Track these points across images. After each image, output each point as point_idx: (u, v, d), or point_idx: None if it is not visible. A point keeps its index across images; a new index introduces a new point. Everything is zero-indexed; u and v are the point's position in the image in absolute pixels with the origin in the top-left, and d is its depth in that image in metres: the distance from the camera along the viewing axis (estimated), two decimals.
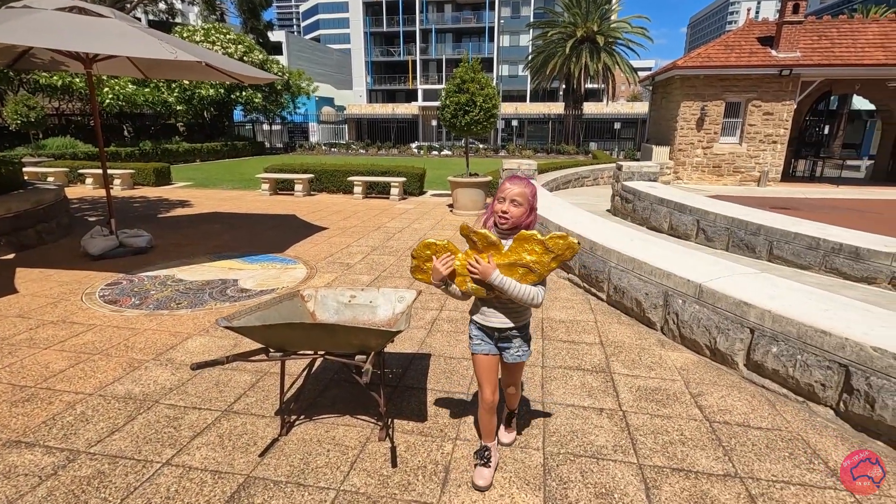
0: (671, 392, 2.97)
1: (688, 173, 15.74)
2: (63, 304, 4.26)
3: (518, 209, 1.87)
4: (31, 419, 2.59)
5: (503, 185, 1.90)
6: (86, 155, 15.57)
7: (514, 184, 1.88)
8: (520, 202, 1.86)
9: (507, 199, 1.87)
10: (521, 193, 1.87)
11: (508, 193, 1.87)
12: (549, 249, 1.81)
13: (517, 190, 1.87)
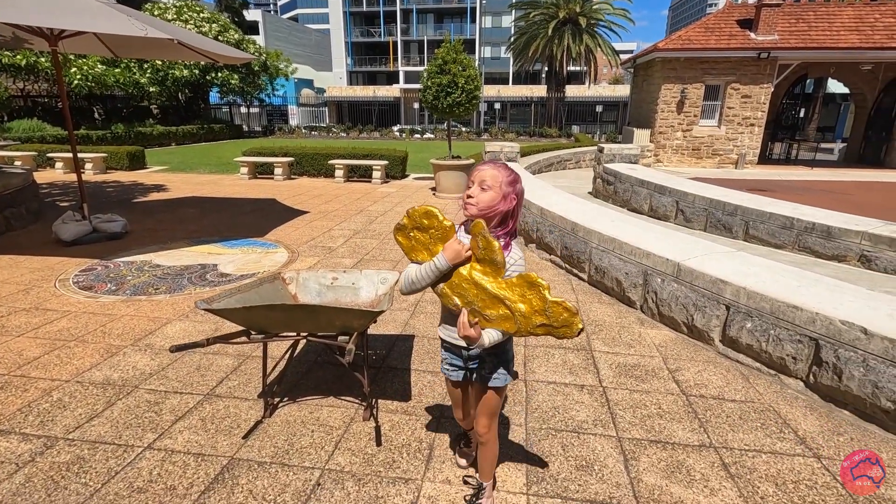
0: (650, 368, 3.04)
1: (668, 156, 15.91)
2: (35, 291, 4.14)
3: (486, 194, 1.56)
4: (4, 407, 2.53)
5: (475, 168, 1.64)
6: (54, 138, 15.01)
7: (486, 165, 1.61)
8: (489, 185, 1.55)
9: (475, 181, 1.59)
10: (492, 176, 1.56)
11: (478, 175, 1.59)
12: (546, 314, 1.49)
13: (488, 172, 1.58)
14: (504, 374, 1.75)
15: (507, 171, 1.60)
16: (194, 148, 19.60)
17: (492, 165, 1.60)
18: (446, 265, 1.56)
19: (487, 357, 1.74)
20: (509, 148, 9.09)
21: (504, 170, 1.60)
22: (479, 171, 1.60)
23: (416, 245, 1.64)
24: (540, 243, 5.32)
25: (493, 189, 1.56)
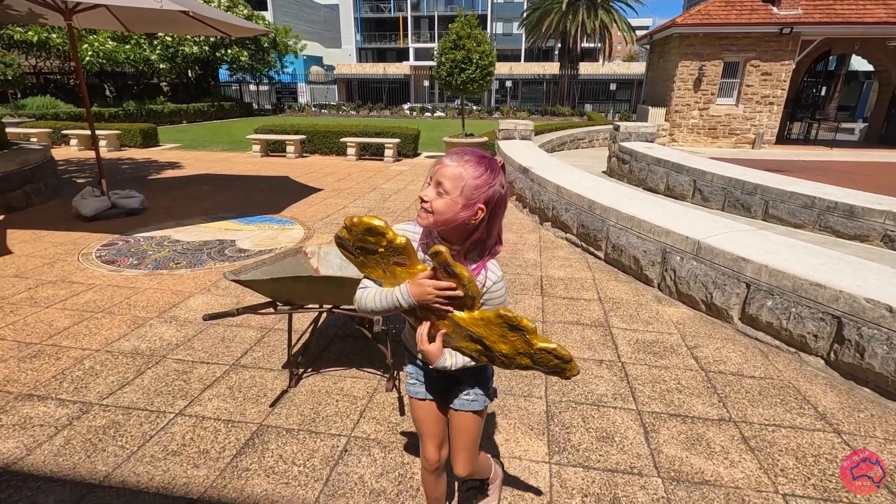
0: (668, 345, 3.05)
1: (683, 135, 15.63)
2: (60, 265, 4.22)
3: (441, 201, 1.15)
4: (40, 374, 2.61)
5: (438, 159, 1.21)
6: (67, 115, 15.07)
7: (452, 158, 1.18)
8: (447, 189, 1.15)
9: (432, 180, 1.18)
10: (452, 176, 1.14)
11: (437, 171, 1.17)
12: (533, 358, 1.18)
13: (449, 170, 1.15)
14: (481, 394, 1.42)
15: (477, 166, 1.16)
16: (205, 126, 19.59)
17: (458, 159, 1.17)
18: (411, 303, 1.18)
19: (462, 374, 1.39)
20: (523, 126, 8.98)
21: (473, 166, 1.16)
22: (440, 165, 1.18)
23: (367, 262, 1.25)
24: (556, 221, 5.29)
25: (452, 194, 1.14)
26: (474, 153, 1.19)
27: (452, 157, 1.18)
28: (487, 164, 1.17)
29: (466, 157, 1.17)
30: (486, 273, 1.22)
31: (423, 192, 1.18)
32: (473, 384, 1.41)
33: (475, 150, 1.21)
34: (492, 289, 1.22)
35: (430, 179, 1.19)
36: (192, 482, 1.91)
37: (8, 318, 3.24)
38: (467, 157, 1.17)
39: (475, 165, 1.16)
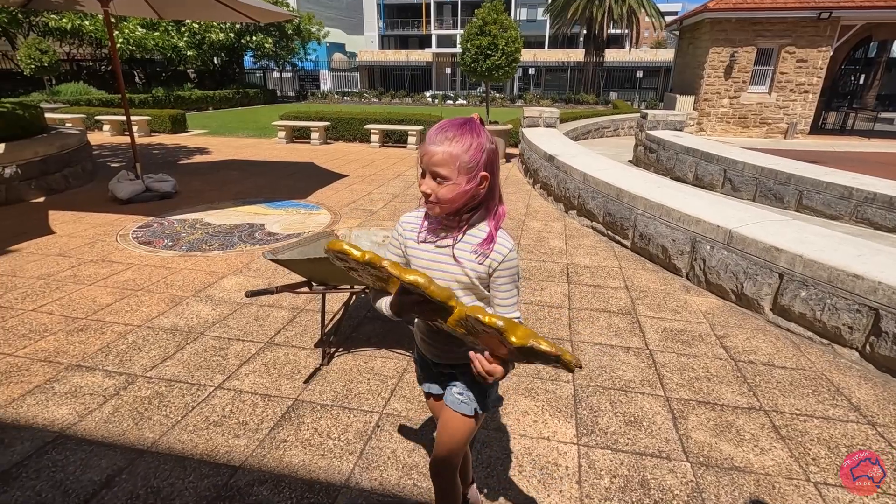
0: (696, 333, 3.03)
1: (712, 124, 15.23)
2: (100, 245, 4.39)
3: (445, 188, 1.11)
4: (87, 347, 2.74)
5: (421, 145, 1.15)
6: (100, 101, 15.46)
7: (436, 142, 1.10)
8: (445, 175, 1.10)
9: (426, 170, 1.12)
10: (446, 159, 1.09)
11: (427, 158, 1.11)
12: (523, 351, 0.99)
13: (439, 152, 1.09)
14: (473, 399, 1.30)
15: (463, 138, 1.10)
16: (231, 112, 19.88)
17: (441, 139, 1.10)
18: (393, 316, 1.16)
19: (457, 377, 1.33)
20: (549, 114, 8.88)
21: (459, 140, 1.10)
22: (427, 153, 1.11)
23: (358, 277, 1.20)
24: (581, 210, 5.26)
25: (452, 177, 1.10)
26: (452, 125, 1.12)
27: (435, 139, 1.11)
28: (470, 130, 1.11)
29: (449, 134, 1.10)
30: (496, 245, 1.17)
31: (423, 186, 1.14)
32: (467, 386, 1.31)
33: (451, 121, 1.14)
34: (507, 256, 1.18)
35: (422, 169, 1.13)
36: (234, 451, 2.00)
37: (55, 293, 3.40)
38: (450, 134, 1.10)
39: (461, 138, 1.10)
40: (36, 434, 2.06)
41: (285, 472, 1.90)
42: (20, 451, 1.96)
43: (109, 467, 1.90)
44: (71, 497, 1.76)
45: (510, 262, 1.19)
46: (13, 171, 5.66)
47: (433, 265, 1.21)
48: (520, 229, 5.08)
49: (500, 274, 1.19)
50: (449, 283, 1.20)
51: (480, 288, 1.22)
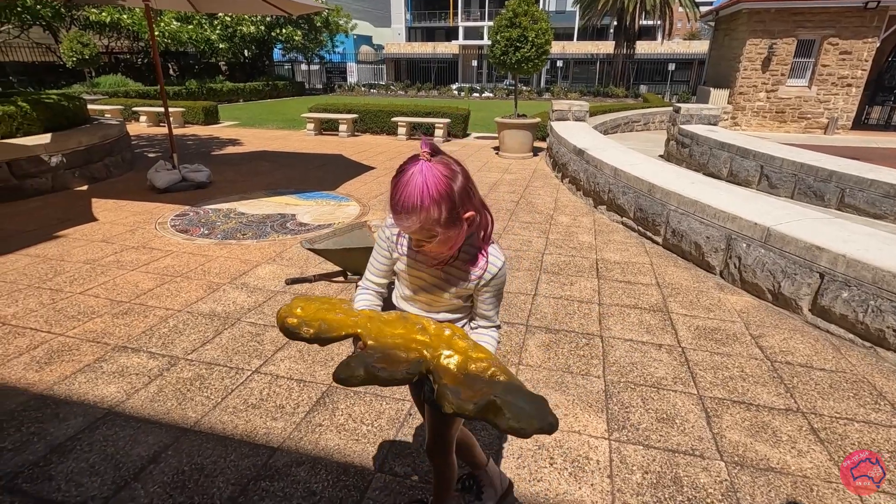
0: (731, 332, 2.98)
1: (747, 119, 14.76)
2: (140, 232, 4.55)
3: (437, 243, 1.07)
4: (131, 329, 2.86)
5: (391, 213, 1.07)
6: (136, 93, 15.93)
7: (403, 215, 1.02)
8: (429, 236, 1.05)
9: (409, 230, 1.06)
10: (423, 225, 1.02)
11: (405, 224, 1.04)
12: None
13: (414, 226, 1.02)
14: None
15: (427, 197, 0.99)
16: (261, 104, 20.22)
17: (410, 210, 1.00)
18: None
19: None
20: (578, 107, 8.76)
21: (430, 204, 0.99)
22: (400, 224, 1.05)
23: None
24: (611, 205, 5.19)
25: (438, 232, 1.04)
26: (411, 187, 0.99)
27: (401, 211, 1.01)
28: (431, 187, 0.99)
29: (412, 205, 0.99)
30: (489, 262, 1.17)
31: (423, 248, 1.10)
32: None
33: (406, 182, 1.00)
34: (498, 274, 1.19)
35: (404, 228, 1.06)
36: (272, 433, 2.07)
37: (100, 278, 3.55)
38: (413, 204, 0.99)
39: (425, 204, 0.99)
40: (87, 410, 2.18)
41: (321, 455, 1.96)
42: (74, 426, 2.08)
43: (156, 444, 1.99)
44: (121, 470, 1.85)
45: (500, 277, 1.20)
46: (59, 160, 5.91)
47: (421, 277, 1.23)
48: (548, 224, 5.05)
49: (488, 288, 1.21)
50: (434, 296, 1.23)
51: (460, 302, 1.25)
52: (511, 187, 6.61)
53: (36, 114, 6.01)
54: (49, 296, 3.24)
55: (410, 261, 1.24)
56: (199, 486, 1.79)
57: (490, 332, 1.28)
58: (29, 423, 2.08)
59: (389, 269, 1.30)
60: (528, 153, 8.90)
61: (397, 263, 1.27)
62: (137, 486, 1.79)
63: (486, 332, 1.28)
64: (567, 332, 2.94)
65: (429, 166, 1.01)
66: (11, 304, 3.13)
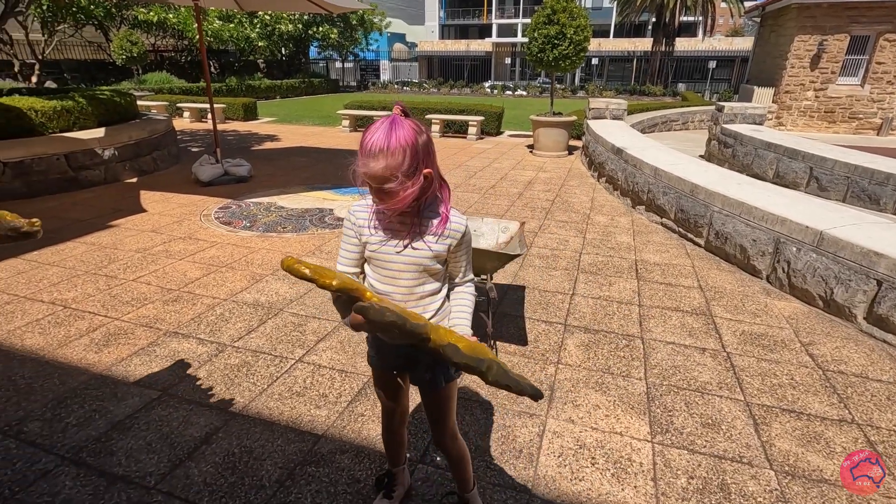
0: (779, 339, 2.88)
1: (793, 118, 14.18)
2: (186, 223, 4.73)
3: (393, 194, 1.13)
4: (181, 316, 2.98)
5: (360, 152, 1.12)
6: (180, 90, 16.51)
7: (372, 157, 1.09)
8: (390, 187, 1.11)
9: (370, 183, 1.14)
10: (386, 172, 1.09)
11: (370, 177, 1.11)
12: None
13: (379, 168, 1.09)
14: (437, 374, 1.38)
15: (397, 143, 1.09)
16: (297, 101, 20.64)
17: (375, 149, 1.09)
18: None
19: (423, 355, 1.33)
20: (615, 105, 8.60)
21: (393, 149, 1.09)
22: (366, 166, 1.10)
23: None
24: (650, 205, 5.08)
25: (396, 185, 1.11)
26: (382, 135, 1.09)
27: (370, 154, 1.09)
28: (400, 135, 1.09)
29: (382, 147, 1.08)
30: (451, 224, 1.25)
31: (383, 200, 1.16)
32: (431, 365, 1.37)
33: (380, 131, 1.10)
34: (465, 233, 1.28)
35: (364, 179, 1.13)
36: (316, 420, 2.12)
37: (150, 266, 3.71)
38: (383, 146, 1.08)
39: (395, 148, 1.08)
40: (143, 391, 2.28)
41: (364, 443, 2.00)
42: (131, 405, 2.18)
43: (207, 425, 2.07)
44: (176, 449, 1.94)
45: (467, 237, 1.30)
46: (111, 154, 6.19)
47: (391, 251, 1.26)
48: (585, 223, 4.98)
49: (458, 249, 1.29)
50: (407, 267, 1.27)
51: (436, 266, 1.29)
52: (546, 186, 6.55)
53: (91, 109, 6.30)
54: (105, 282, 3.41)
55: (378, 234, 1.27)
56: (248, 468, 1.85)
57: (466, 289, 1.39)
58: (91, 400, 2.20)
59: (360, 255, 1.33)
60: (563, 152, 8.79)
61: (367, 247, 1.29)
62: (191, 464, 1.87)
63: (463, 290, 1.38)
64: (606, 333, 2.90)
65: (399, 118, 1.12)
66: (71, 288, 3.30)
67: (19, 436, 1.98)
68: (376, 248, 1.27)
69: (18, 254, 3.85)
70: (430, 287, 1.32)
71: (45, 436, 1.98)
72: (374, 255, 1.28)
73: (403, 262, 1.26)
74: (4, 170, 5.24)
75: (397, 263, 1.27)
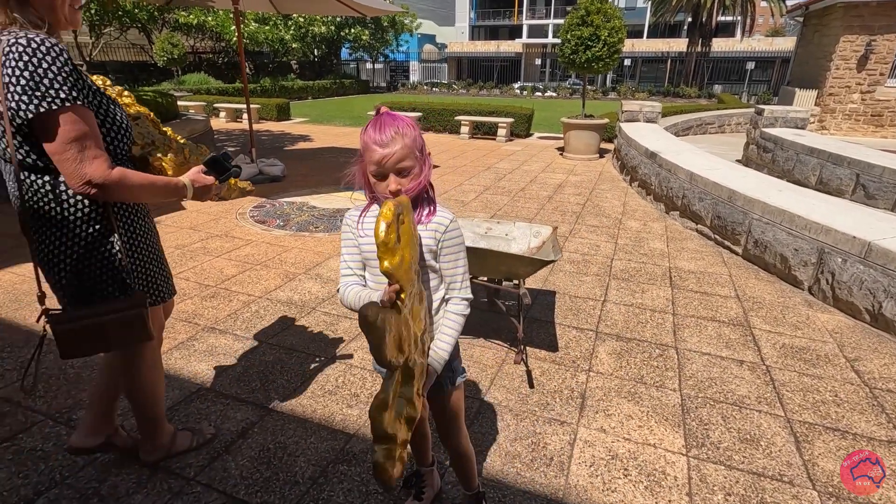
0: (822, 353, 2.77)
1: (836, 122, 13.60)
2: (223, 221, 4.86)
3: (413, 178, 1.18)
4: (218, 312, 3.07)
5: (370, 147, 1.15)
6: (217, 90, 17.00)
7: (389, 142, 1.12)
8: (409, 166, 1.16)
9: (388, 171, 1.16)
10: (405, 151, 1.13)
11: (390, 162, 1.14)
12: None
13: (398, 149, 1.13)
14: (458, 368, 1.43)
15: (403, 126, 1.15)
16: (329, 102, 20.98)
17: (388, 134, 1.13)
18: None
19: None
20: (649, 108, 8.43)
21: (403, 130, 1.15)
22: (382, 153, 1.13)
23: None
24: (685, 211, 4.96)
25: (415, 165, 1.17)
26: (388, 122, 1.15)
27: (384, 141, 1.13)
28: (401, 120, 1.16)
29: (394, 131, 1.13)
30: (437, 215, 1.25)
31: (391, 185, 1.16)
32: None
33: (383, 120, 1.15)
34: (449, 226, 1.26)
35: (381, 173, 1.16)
36: (348, 420, 2.15)
37: (189, 262, 3.83)
38: (394, 130, 1.13)
39: (403, 129, 1.15)
40: (183, 384, 2.36)
41: None
42: (171, 398, 2.26)
43: (244, 420, 2.13)
44: (214, 442, 2.00)
45: (453, 231, 1.26)
46: None
47: None
48: (616, 228, 4.90)
49: (445, 244, 1.25)
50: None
51: (433, 262, 1.27)
52: (577, 189, 6.48)
53: None
54: None
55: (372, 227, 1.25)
56: (283, 464, 1.90)
57: (457, 307, 1.31)
58: None
59: (361, 259, 1.33)
60: (594, 155, 8.67)
61: (361, 249, 1.29)
62: (228, 458, 1.92)
63: (454, 308, 1.31)
64: (639, 342, 2.85)
65: (388, 111, 1.19)
66: None
67: (69, 423, 2.08)
68: (370, 248, 1.24)
69: None
70: (432, 284, 1.30)
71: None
72: (370, 256, 1.27)
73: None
74: None
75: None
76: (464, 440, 1.54)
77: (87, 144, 1.30)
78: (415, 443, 1.66)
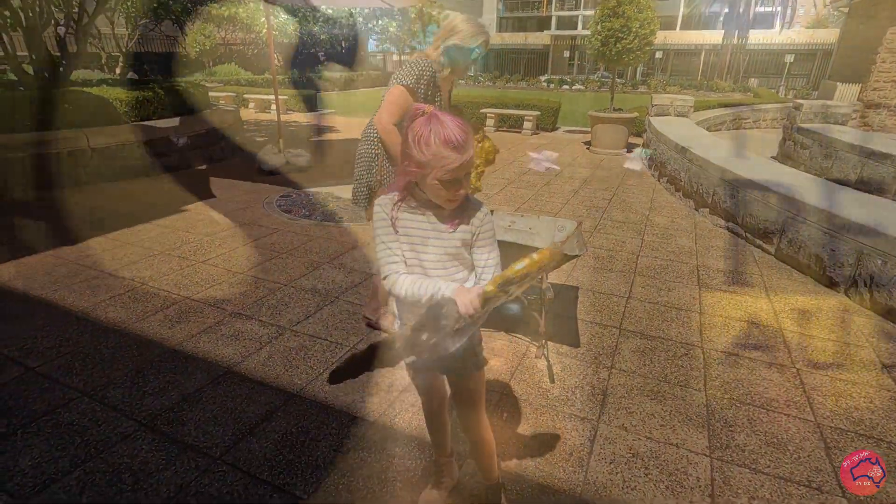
0: (857, 358, 2.67)
1: (881, 118, 12.97)
2: (251, 210, 4.96)
3: (467, 181, 1.21)
4: (245, 298, 3.15)
5: (444, 155, 1.12)
6: (246, 81, 17.29)
7: (467, 147, 1.13)
8: (470, 163, 1.16)
9: (458, 173, 1.15)
10: (470, 156, 1.13)
11: (462, 164, 1.14)
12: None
13: (469, 153, 1.13)
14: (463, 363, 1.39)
15: (459, 122, 1.16)
16: (355, 93, 21.11)
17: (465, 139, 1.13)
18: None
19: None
20: (681, 101, 8.21)
21: (464, 125, 1.16)
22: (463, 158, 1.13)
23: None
24: (715, 208, 4.83)
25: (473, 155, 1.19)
26: (451, 122, 1.14)
27: (464, 146, 1.13)
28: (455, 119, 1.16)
29: (464, 132, 1.14)
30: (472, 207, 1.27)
31: (459, 192, 1.19)
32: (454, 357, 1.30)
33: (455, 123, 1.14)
34: (484, 219, 1.27)
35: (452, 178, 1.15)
36: (369, 408, 2.18)
37: (218, 249, 3.93)
38: (465, 132, 1.14)
39: (465, 127, 1.15)
40: (210, 367, 2.43)
41: (414, 433, 2.04)
42: (199, 380, 2.33)
43: (268, 404, 2.18)
44: (240, 424, 2.05)
45: (488, 223, 1.28)
46: (185, 142, 6.58)
47: (428, 235, 1.27)
48: (643, 224, 4.81)
49: (482, 234, 1.28)
50: (443, 252, 1.28)
51: (465, 254, 1.30)
52: (603, 184, 6.37)
53: (168, 100, 6.73)
54: (177, 262, 3.65)
55: (409, 220, 1.28)
56: (305, 448, 1.94)
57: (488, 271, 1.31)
58: (165, 372, 2.37)
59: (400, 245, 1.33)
60: (622, 149, 8.50)
61: (401, 232, 1.29)
62: (253, 440, 1.97)
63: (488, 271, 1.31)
64: (664, 340, 2.80)
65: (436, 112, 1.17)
66: (148, 267, 3.56)
67: (104, 400, 2.17)
68: (407, 236, 1.28)
69: (103, 233, 4.18)
70: (460, 276, 1.32)
71: (125, 402, 2.16)
72: (409, 237, 1.29)
73: (437, 246, 1.27)
74: (92, 155, 5.69)
75: (431, 246, 1.28)
76: (484, 430, 1.55)
77: None
78: (433, 430, 1.69)
